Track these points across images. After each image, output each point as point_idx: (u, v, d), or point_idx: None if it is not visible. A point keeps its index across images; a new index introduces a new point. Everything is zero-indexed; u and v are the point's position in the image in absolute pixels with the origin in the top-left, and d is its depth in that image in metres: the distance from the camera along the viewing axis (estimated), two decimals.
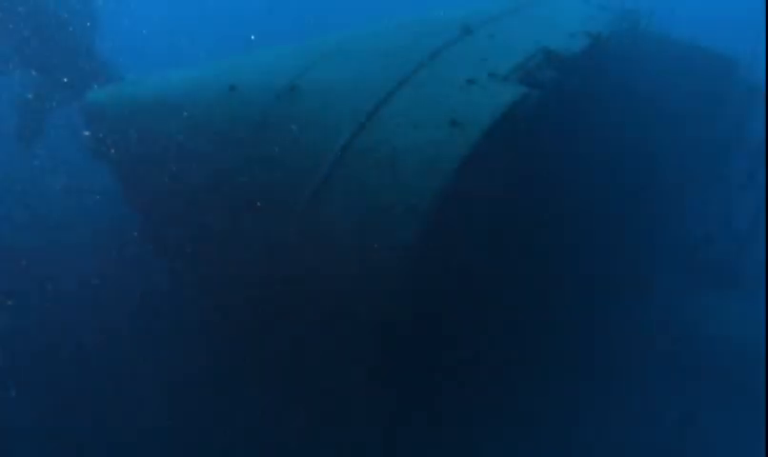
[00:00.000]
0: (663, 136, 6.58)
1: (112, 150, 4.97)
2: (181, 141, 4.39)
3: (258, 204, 3.90)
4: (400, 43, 4.54)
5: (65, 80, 6.56)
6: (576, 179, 5.41)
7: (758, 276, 6.79)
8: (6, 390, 5.48)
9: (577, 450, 5.54)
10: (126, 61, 7.54)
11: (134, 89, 4.99)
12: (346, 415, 3.95)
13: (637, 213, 6.31)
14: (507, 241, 4.36)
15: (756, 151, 7.04)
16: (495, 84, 3.97)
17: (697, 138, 6.89)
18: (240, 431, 4.94)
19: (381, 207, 3.45)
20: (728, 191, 6.94)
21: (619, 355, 5.88)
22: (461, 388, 4.40)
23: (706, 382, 6.22)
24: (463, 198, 3.72)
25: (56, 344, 5.81)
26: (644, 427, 6.13)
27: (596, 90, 5.33)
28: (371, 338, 3.55)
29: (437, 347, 4.14)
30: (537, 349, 5.02)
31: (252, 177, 3.95)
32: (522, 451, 5.15)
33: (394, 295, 3.41)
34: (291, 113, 4.03)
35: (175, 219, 4.50)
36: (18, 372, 5.60)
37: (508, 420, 4.96)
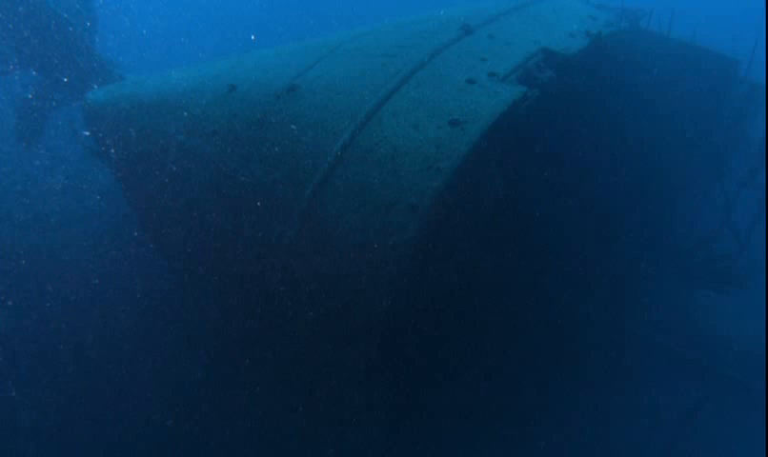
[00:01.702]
0: (663, 136, 6.58)
1: (112, 150, 4.97)
2: (181, 141, 4.39)
3: (258, 204, 3.89)
4: (400, 43, 4.53)
5: (65, 80, 6.55)
6: (576, 179, 5.41)
7: (759, 276, 6.79)
8: (6, 390, 5.48)
9: (578, 450, 5.55)
10: (126, 61, 7.54)
11: (134, 89, 4.99)
12: (346, 415, 3.95)
13: (638, 213, 6.31)
14: (507, 240, 4.36)
15: (756, 151, 7.04)
16: (495, 84, 3.97)
17: (697, 138, 6.89)
18: (240, 431, 4.94)
19: (381, 206, 3.45)
20: (728, 191, 6.94)
21: (620, 355, 5.88)
22: (461, 388, 4.40)
23: (706, 382, 6.22)
24: (463, 198, 3.72)
25: (56, 344, 5.81)
26: (644, 427, 6.14)
27: (596, 90, 5.33)
28: (371, 338, 3.55)
29: (437, 346, 4.14)
30: (537, 349, 5.02)
31: (252, 177, 3.95)
32: (522, 451, 5.15)
33: (393, 294, 3.41)
34: (291, 113, 4.03)
35: (175, 219, 4.50)
36: (18, 372, 5.60)
37: (507, 420, 4.96)
